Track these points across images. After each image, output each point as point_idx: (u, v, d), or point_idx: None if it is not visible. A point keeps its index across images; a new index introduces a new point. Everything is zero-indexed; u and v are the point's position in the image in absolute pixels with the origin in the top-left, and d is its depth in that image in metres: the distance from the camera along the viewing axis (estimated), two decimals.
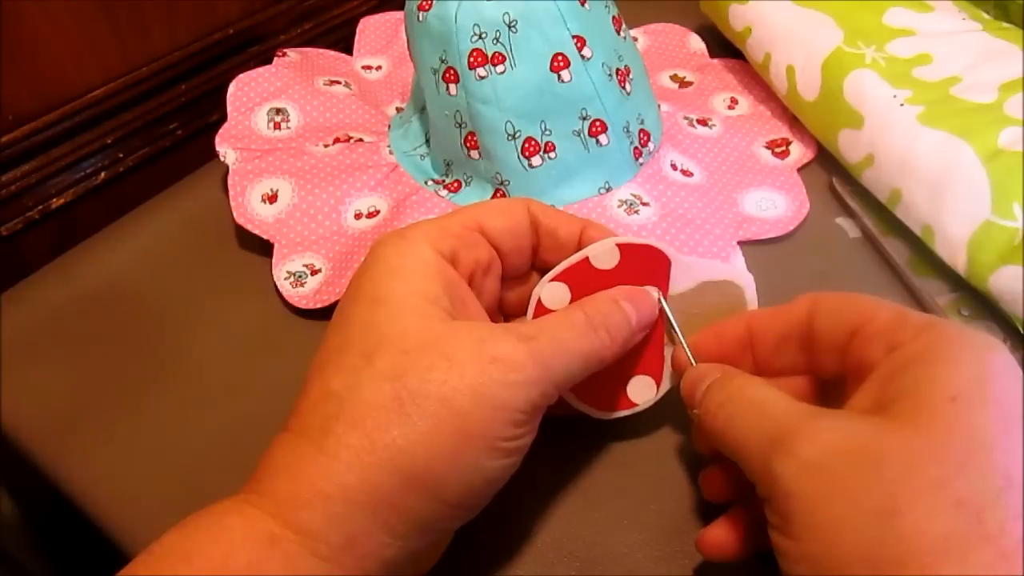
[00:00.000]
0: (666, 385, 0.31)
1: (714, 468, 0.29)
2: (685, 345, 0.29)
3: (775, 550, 0.23)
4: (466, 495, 0.24)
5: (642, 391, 0.30)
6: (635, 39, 0.48)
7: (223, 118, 0.45)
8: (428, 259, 0.26)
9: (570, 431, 0.33)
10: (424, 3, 0.38)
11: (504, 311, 0.31)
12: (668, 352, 0.30)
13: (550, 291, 0.28)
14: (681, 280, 0.29)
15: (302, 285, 0.39)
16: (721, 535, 0.27)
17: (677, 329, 0.29)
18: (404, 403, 0.23)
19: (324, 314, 0.38)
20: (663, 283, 0.28)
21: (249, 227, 0.41)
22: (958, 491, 0.20)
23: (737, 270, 0.30)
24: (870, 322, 0.25)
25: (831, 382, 0.28)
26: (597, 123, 0.39)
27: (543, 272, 0.29)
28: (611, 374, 0.29)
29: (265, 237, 0.41)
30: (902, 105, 0.39)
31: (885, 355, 0.24)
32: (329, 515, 0.22)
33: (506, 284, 0.30)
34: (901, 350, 0.23)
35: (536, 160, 0.39)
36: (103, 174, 0.48)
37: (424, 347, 0.24)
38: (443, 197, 0.41)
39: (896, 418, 0.22)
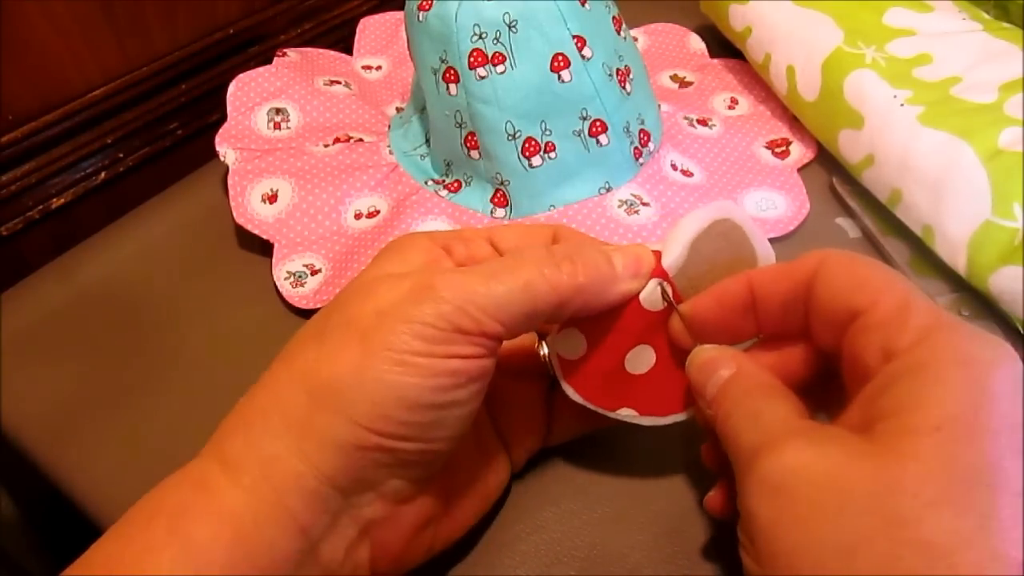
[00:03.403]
0: None
1: (712, 441, 0.28)
2: (683, 326, 0.27)
3: (744, 571, 0.22)
4: (377, 415, 0.23)
5: None
6: (635, 39, 0.48)
7: (223, 118, 0.46)
8: (417, 241, 0.27)
9: None
10: (424, 3, 0.38)
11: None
12: None
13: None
14: (672, 253, 0.27)
15: (302, 285, 0.39)
16: (718, 497, 0.28)
17: (678, 311, 0.27)
18: (323, 331, 0.24)
19: None
20: (659, 269, 0.27)
21: (249, 227, 0.41)
22: (926, 531, 0.18)
23: (713, 206, 0.27)
24: (871, 309, 0.23)
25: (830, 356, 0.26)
26: (597, 123, 0.39)
27: None
28: (670, 374, 0.28)
29: (265, 237, 0.41)
30: (902, 105, 0.39)
31: (881, 363, 0.22)
32: (247, 440, 0.23)
33: None
34: (896, 361, 0.21)
35: (536, 160, 0.39)
36: (103, 174, 0.48)
37: (358, 288, 0.25)
38: (443, 197, 0.41)
39: (875, 443, 0.20)
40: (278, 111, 0.46)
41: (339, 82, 0.49)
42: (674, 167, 0.43)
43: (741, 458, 0.23)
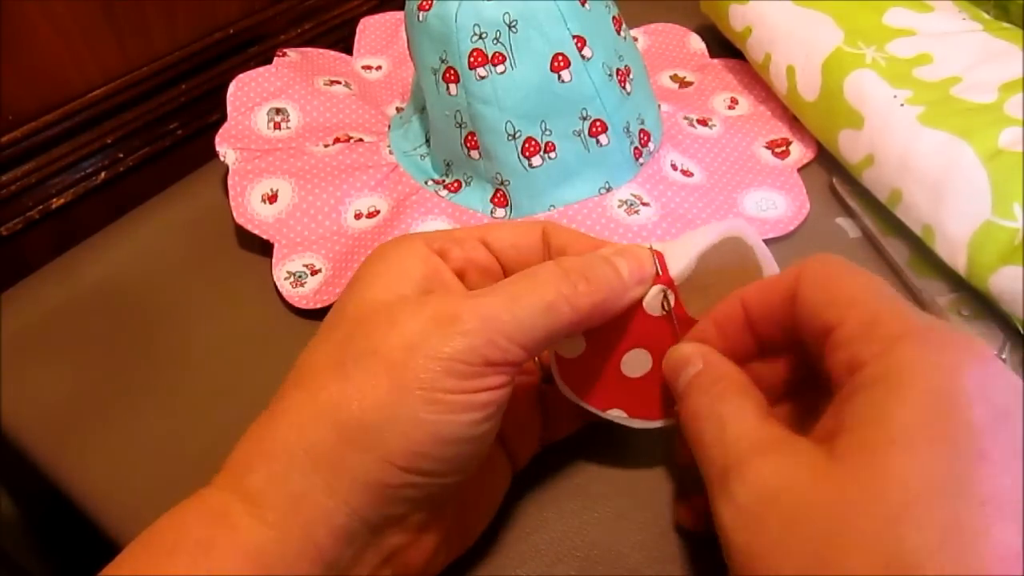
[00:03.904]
0: None
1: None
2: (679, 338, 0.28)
3: None
4: (410, 452, 0.23)
5: None
6: (635, 39, 0.48)
7: (223, 118, 0.46)
8: (414, 247, 0.27)
9: None
10: (424, 3, 0.38)
11: None
12: None
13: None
14: (680, 263, 0.27)
15: (302, 285, 0.39)
16: (687, 514, 0.28)
17: (676, 324, 0.28)
18: (345, 362, 0.23)
19: (324, 314, 0.38)
20: (667, 277, 0.27)
21: (249, 227, 0.41)
22: (888, 548, 0.18)
23: (726, 224, 0.28)
24: (841, 325, 0.23)
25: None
26: (597, 123, 0.39)
27: None
28: (658, 380, 0.29)
29: (265, 237, 0.41)
30: (902, 105, 0.39)
31: (847, 376, 0.22)
32: (271, 475, 0.23)
33: None
34: (860, 373, 0.21)
35: (536, 160, 0.39)
36: (103, 174, 0.48)
37: (375, 313, 0.24)
38: (443, 197, 0.41)
39: (837, 459, 0.20)
40: (278, 111, 0.46)
41: (339, 82, 0.49)
42: (674, 167, 0.43)
43: (711, 473, 0.23)
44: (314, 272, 0.40)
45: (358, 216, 0.42)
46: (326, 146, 0.44)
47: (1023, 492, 0.19)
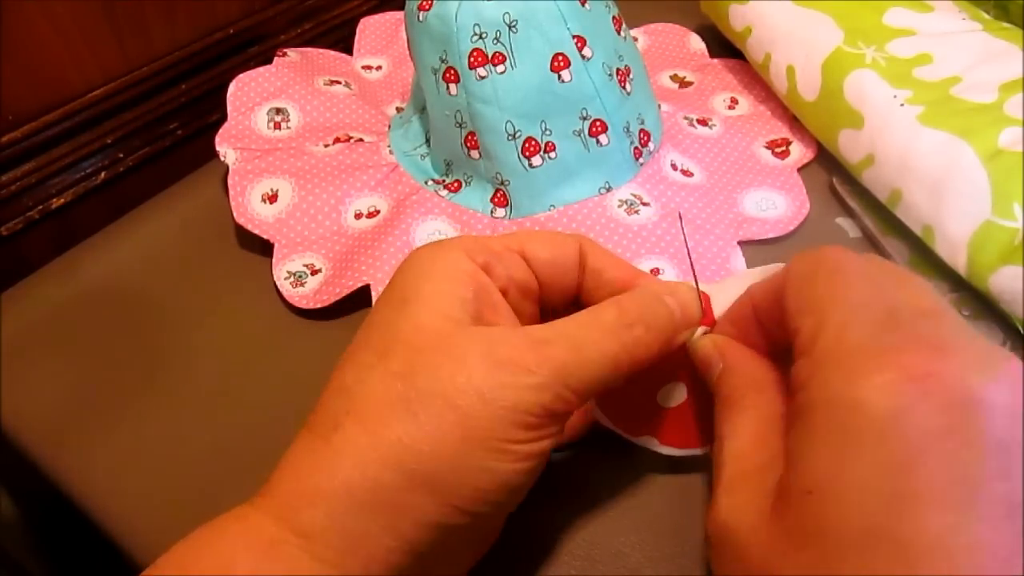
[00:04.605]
0: None
1: None
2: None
3: None
4: (476, 499, 0.23)
5: None
6: (635, 39, 0.48)
7: (223, 118, 0.45)
8: (460, 263, 0.26)
9: None
10: (424, 3, 0.38)
11: None
12: None
13: None
14: (724, 305, 0.28)
15: (302, 285, 0.39)
16: None
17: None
18: (411, 401, 0.23)
19: (324, 314, 0.38)
20: (711, 319, 0.28)
21: (249, 227, 0.41)
22: None
23: (769, 268, 0.28)
24: (797, 335, 0.22)
25: None
26: (597, 123, 0.39)
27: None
28: (696, 411, 0.29)
29: (265, 237, 0.41)
30: (902, 105, 0.39)
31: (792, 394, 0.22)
32: (330, 514, 0.22)
33: (545, 317, 0.29)
34: (794, 399, 0.22)
35: (536, 160, 0.39)
36: (103, 174, 0.48)
37: (436, 347, 0.24)
38: (443, 197, 0.41)
39: (775, 505, 0.21)
40: (278, 111, 0.46)
41: (339, 82, 0.49)
42: (674, 167, 0.43)
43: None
44: (314, 272, 0.40)
45: (358, 216, 0.42)
46: (326, 146, 0.44)
47: (964, 524, 0.18)
